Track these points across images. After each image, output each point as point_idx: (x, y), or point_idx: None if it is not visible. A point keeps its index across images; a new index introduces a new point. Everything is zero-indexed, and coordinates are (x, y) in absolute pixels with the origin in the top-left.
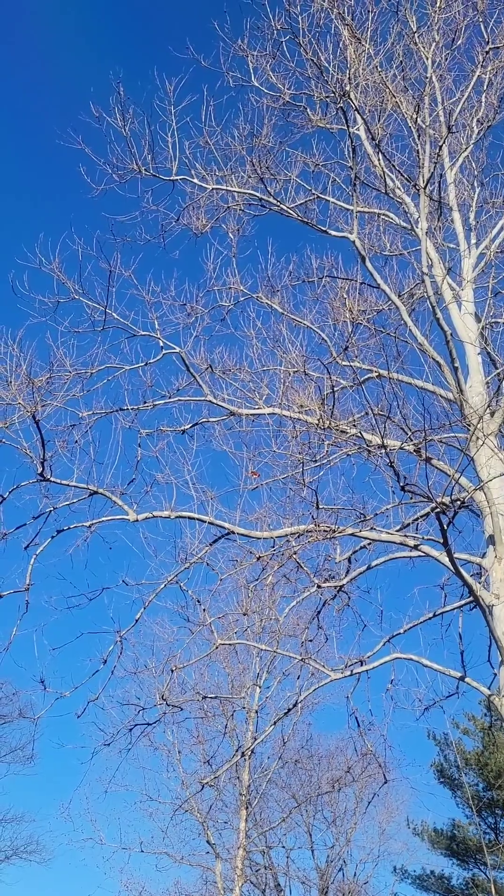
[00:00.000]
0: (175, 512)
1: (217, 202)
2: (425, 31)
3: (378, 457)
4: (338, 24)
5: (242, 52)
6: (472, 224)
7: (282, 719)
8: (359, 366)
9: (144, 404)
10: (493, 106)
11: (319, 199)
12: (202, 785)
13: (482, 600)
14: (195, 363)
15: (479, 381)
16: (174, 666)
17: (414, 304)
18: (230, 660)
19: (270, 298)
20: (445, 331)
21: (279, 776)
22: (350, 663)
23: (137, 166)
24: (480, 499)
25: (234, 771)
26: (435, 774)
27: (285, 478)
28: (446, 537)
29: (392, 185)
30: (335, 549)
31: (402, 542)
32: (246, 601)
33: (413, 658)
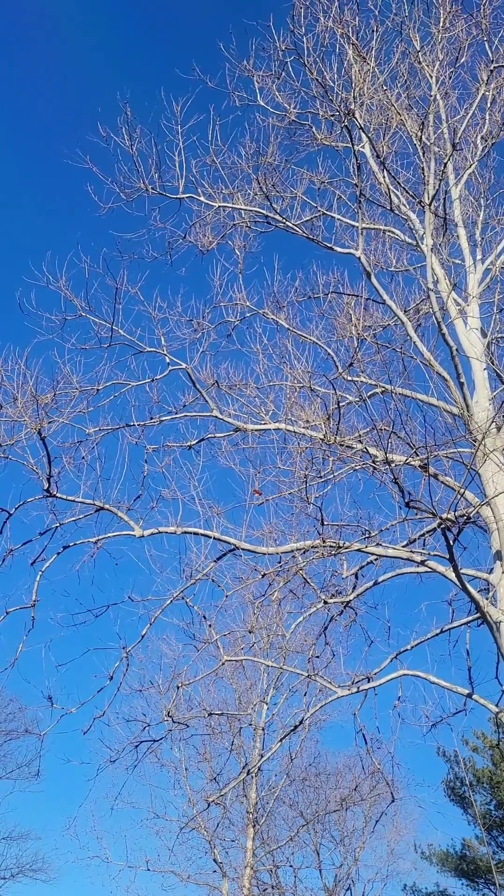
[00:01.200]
0: (181, 528)
1: (223, 219)
2: (429, 49)
3: (383, 472)
4: (342, 43)
5: (248, 72)
6: (478, 240)
7: (288, 736)
8: (364, 381)
9: (151, 420)
10: (497, 123)
11: (325, 215)
12: (208, 803)
13: (489, 616)
14: (201, 379)
15: (486, 397)
16: (180, 683)
17: (420, 320)
18: (237, 676)
19: (276, 314)
20: (451, 346)
21: (287, 794)
22: (357, 680)
23: (144, 185)
24: (487, 514)
25: (241, 788)
26: (445, 792)
27: (290, 494)
28: (452, 553)
29: (397, 202)
30: (342, 565)
31: (408, 557)
32: (252, 617)
33: (420, 675)
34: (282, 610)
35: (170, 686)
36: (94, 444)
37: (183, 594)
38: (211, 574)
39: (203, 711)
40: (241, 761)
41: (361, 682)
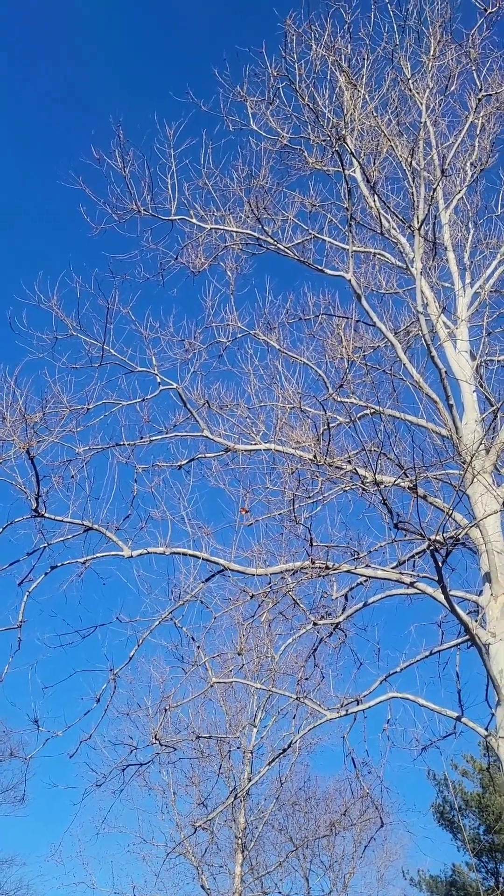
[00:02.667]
0: (170, 548)
1: (215, 241)
2: (420, 77)
3: (372, 493)
4: (334, 70)
5: (241, 97)
6: (467, 264)
7: (277, 760)
8: (354, 402)
9: (141, 440)
10: (486, 150)
11: (316, 238)
12: (195, 828)
13: (478, 639)
14: (192, 399)
15: (474, 419)
16: (168, 705)
17: (409, 342)
18: (227, 698)
19: (267, 335)
20: (440, 368)
21: (276, 818)
22: (346, 702)
23: (137, 206)
24: (476, 536)
25: (229, 813)
26: (435, 816)
27: (280, 514)
28: (441, 575)
29: (387, 226)
30: (331, 586)
31: (398, 579)
32: (242, 639)
33: (409, 697)
34: (271, 631)
35: (158, 708)
36: (83, 464)
37: (171, 615)
38: (200, 595)
39: (191, 734)
40: (230, 785)
41: (350, 704)
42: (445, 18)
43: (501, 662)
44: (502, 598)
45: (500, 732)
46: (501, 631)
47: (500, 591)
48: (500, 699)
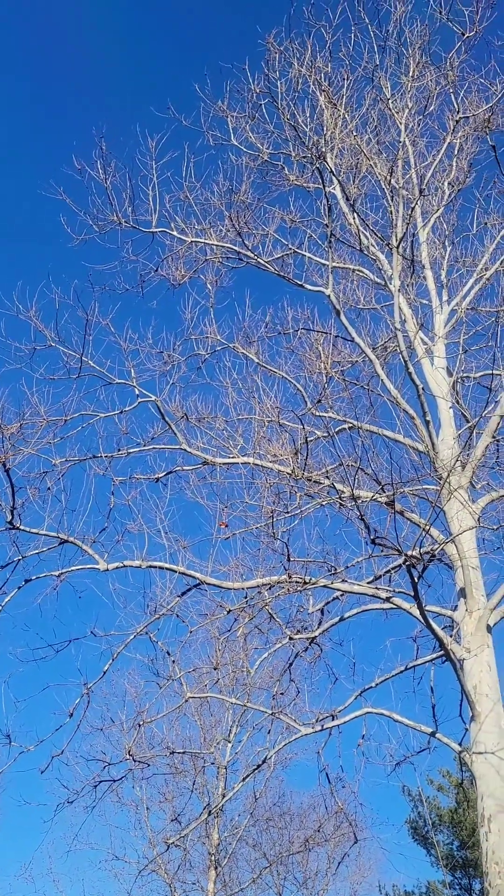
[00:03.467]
0: (146, 561)
1: (196, 254)
2: (399, 97)
3: (350, 508)
4: (315, 89)
5: (222, 112)
6: (444, 281)
7: (251, 776)
8: (333, 417)
9: (118, 452)
10: (463, 170)
11: (296, 253)
12: (167, 845)
13: (453, 654)
14: (170, 411)
15: (451, 435)
16: (142, 720)
17: (387, 358)
18: (202, 712)
19: (247, 349)
20: (417, 385)
21: (250, 834)
22: (321, 718)
23: (118, 218)
24: (452, 551)
25: (203, 829)
26: (409, 832)
27: (257, 528)
28: (417, 590)
29: (366, 243)
30: (308, 600)
31: (374, 594)
32: (217, 653)
33: (384, 713)
34: (247, 646)
35: (131, 723)
36: (60, 476)
37: (147, 629)
38: (176, 609)
39: (166, 750)
40: (204, 801)
41: (325, 719)
42: (424, 41)
43: (475, 678)
44: (477, 613)
45: (474, 748)
46: (476, 646)
47: (475, 606)
48: (473, 714)
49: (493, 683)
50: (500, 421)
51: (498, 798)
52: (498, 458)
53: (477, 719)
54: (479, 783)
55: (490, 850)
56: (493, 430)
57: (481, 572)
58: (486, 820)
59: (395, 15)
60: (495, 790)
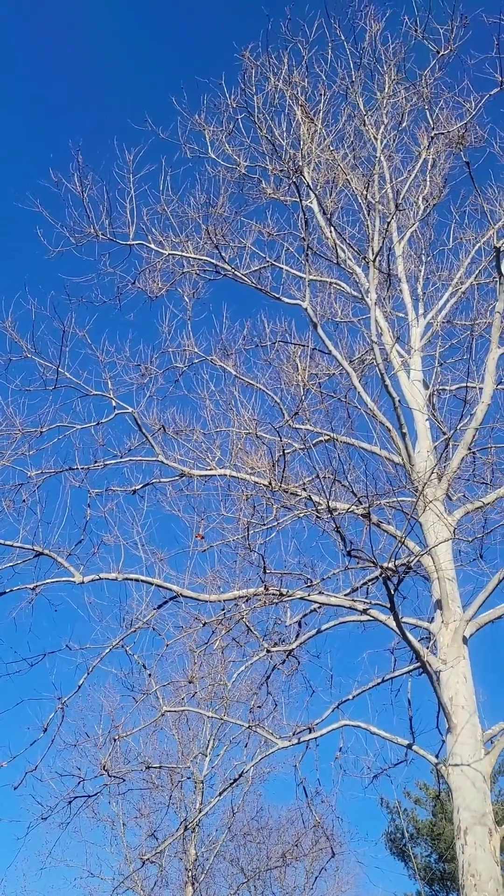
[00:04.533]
0: (123, 574)
1: (173, 267)
2: (374, 113)
3: (326, 521)
4: (291, 104)
5: (199, 126)
6: (420, 295)
7: (229, 790)
8: (310, 429)
9: (95, 464)
10: (438, 186)
11: (273, 266)
12: (143, 861)
13: (429, 666)
14: (148, 423)
15: (427, 447)
16: (118, 735)
17: (364, 370)
18: (180, 726)
19: (224, 361)
20: (394, 397)
21: (228, 850)
22: (298, 731)
23: (95, 231)
24: (428, 563)
25: (179, 844)
26: (386, 845)
27: (234, 541)
28: (393, 602)
29: (343, 256)
30: (285, 613)
31: (350, 606)
32: (194, 666)
33: (361, 725)
34: (224, 659)
35: (106, 738)
36: (35, 488)
37: (123, 642)
38: (152, 622)
39: (142, 764)
40: (181, 816)
41: (302, 733)
42: (399, 58)
43: (452, 689)
44: (453, 625)
45: (450, 760)
46: (452, 658)
47: (451, 618)
48: (450, 726)
49: (469, 695)
50: (476, 433)
51: (474, 810)
52: (474, 470)
53: (453, 731)
54: (455, 795)
55: (466, 862)
56: (468, 443)
57: (457, 584)
58: (463, 832)
59: (371, 32)
60: (471, 802)
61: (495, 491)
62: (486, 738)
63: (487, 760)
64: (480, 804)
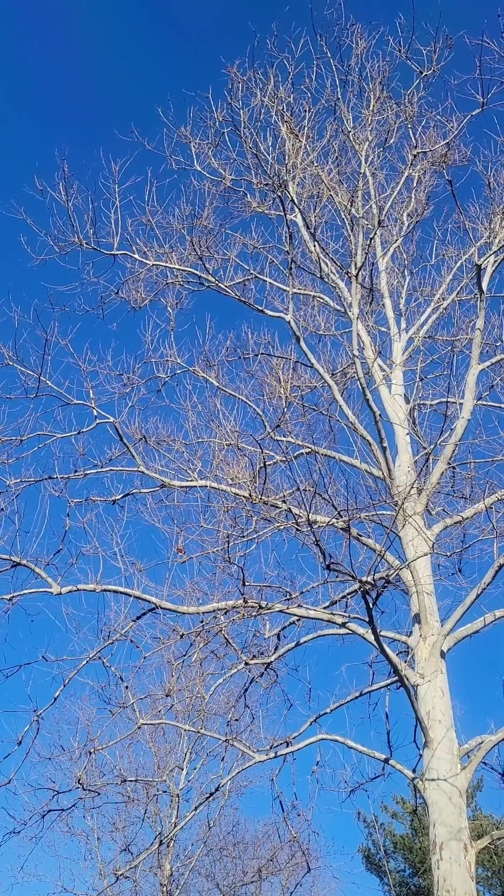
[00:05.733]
0: (101, 585)
1: (157, 277)
2: (360, 129)
3: (306, 533)
4: (277, 119)
5: (185, 138)
6: (403, 310)
7: (206, 803)
8: (292, 441)
9: (75, 473)
10: (421, 202)
11: (257, 279)
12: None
13: (407, 680)
14: (129, 433)
15: (408, 461)
16: (93, 748)
17: (346, 384)
18: (156, 739)
19: (207, 372)
20: (375, 411)
21: (203, 864)
22: (275, 744)
23: (79, 239)
24: (407, 577)
25: (155, 859)
26: (362, 860)
27: (214, 552)
28: (371, 616)
29: (327, 270)
30: (264, 625)
31: (329, 619)
32: (172, 679)
33: (338, 739)
34: (202, 671)
35: (82, 751)
36: (14, 497)
37: (100, 654)
38: (130, 634)
39: (117, 778)
40: (157, 830)
41: (280, 746)
42: (384, 76)
43: (429, 703)
44: (431, 639)
45: (427, 775)
46: (430, 672)
47: (429, 632)
48: (426, 741)
49: (446, 709)
50: (456, 448)
51: (450, 825)
52: (453, 484)
53: (430, 745)
54: (431, 810)
55: (441, 877)
56: (448, 458)
57: (436, 598)
58: (438, 847)
59: (357, 50)
60: (447, 817)
61: (474, 506)
62: (462, 752)
63: (463, 775)
64: (456, 819)
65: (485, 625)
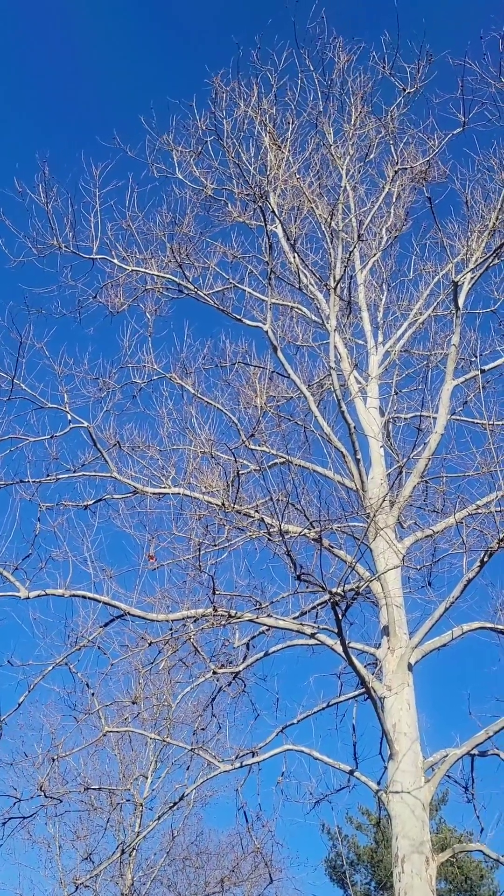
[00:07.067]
0: (70, 590)
1: (136, 283)
2: (341, 143)
3: (278, 543)
4: (260, 130)
5: (168, 146)
6: (380, 323)
7: (170, 812)
8: (266, 450)
9: (47, 477)
10: (401, 218)
11: (236, 288)
12: (76, 885)
13: (374, 692)
14: (103, 438)
15: (381, 474)
16: (57, 754)
17: (322, 395)
18: (122, 747)
19: (183, 379)
20: (349, 423)
21: (166, 874)
22: (241, 754)
23: (58, 242)
24: (377, 589)
25: (116, 868)
26: (326, 871)
27: (185, 560)
28: (340, 627)
29: (306, 282)
30: (233, 634)
31: (299, 629)
32: (139, 687)
33: (304, 750)
34: (170, 679)
35: (45, 758)
36: None
37: (67, 660)
38: (97, 640)
39: (81, 785)
40: (119, 839)
41: (245, 756)
42: (366, 91)
43: (395, 716)
44: (399, 651)
45: (391, 787)
46: (397, 684)
47: (397, 644)
48: (392, 753)
49: (412, 722)
50: (429, 462)
51: (412, 838)
52: (426, 498)
53: (395, 758)
54: (394, 823)
55: (402, 890)
56: (421, 471)
57: (405, 611)
58: (400, 860)
59: (339, 65)
60: (410, 830)
61: (445, 520)
62: (426, 765)
63: (427, 788)
64: (419, 832)
65: (452, 638)
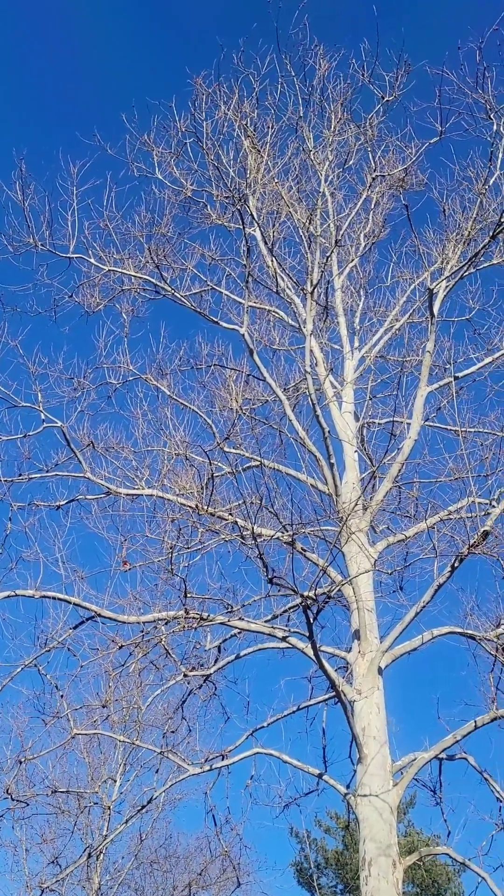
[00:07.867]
0: (40, 591)
1: (112, 283)
2: (321, 149)
3: (250, 546)
4: (240, 133)
5: (148, 146)
6: (356, 328)
7: (138, 816)
8: (241, 453)
9: (19, 477)
10: (378, 224)
11: (213, 290)
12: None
13: (344, 696)
14: (77, 438)
15: (355, 478)
16: (24, 757)
17: (298, 399)
18: (91, 749)
19: (159, 381)
20: (324, 428)
21: (133, 878)
22: (211, 757)
23: (34, 240)
24: (348, 593)
25: (83, 872)
26: (294, 875)
27: (157, 562)
28: (311, 630)
29: (283, 286)
30: (205, 637)
31: (270, 633)
32: (109, 689)
33: (274, 753)
34: (140, 682)
35: (13, 761)
36: None
37: (36, 662)
38: (67, 642)
39: (48, 789)
40: (87, 842)
41: (215, 759)
42: (346, 98)
43: (364, 720)
44: (369, 655)
45: (359, 791)
46: (367, 688)
47: (367, 648)
48: (360, 757)
49: (381, 726)
50: (402, 467)
51: (379, 842)
52: (398, 503)
53: (363, 762)
54: (361, 826)
55: (369, 893)
56: (394, 476)
57: (376, 615)
58: (367, 864)
59: (320, 71)
60: (377, 833)
61: (417, 525)
62: (395, 769)
63: (395, 792)
64: (386, 836)
65: (423, 643)
